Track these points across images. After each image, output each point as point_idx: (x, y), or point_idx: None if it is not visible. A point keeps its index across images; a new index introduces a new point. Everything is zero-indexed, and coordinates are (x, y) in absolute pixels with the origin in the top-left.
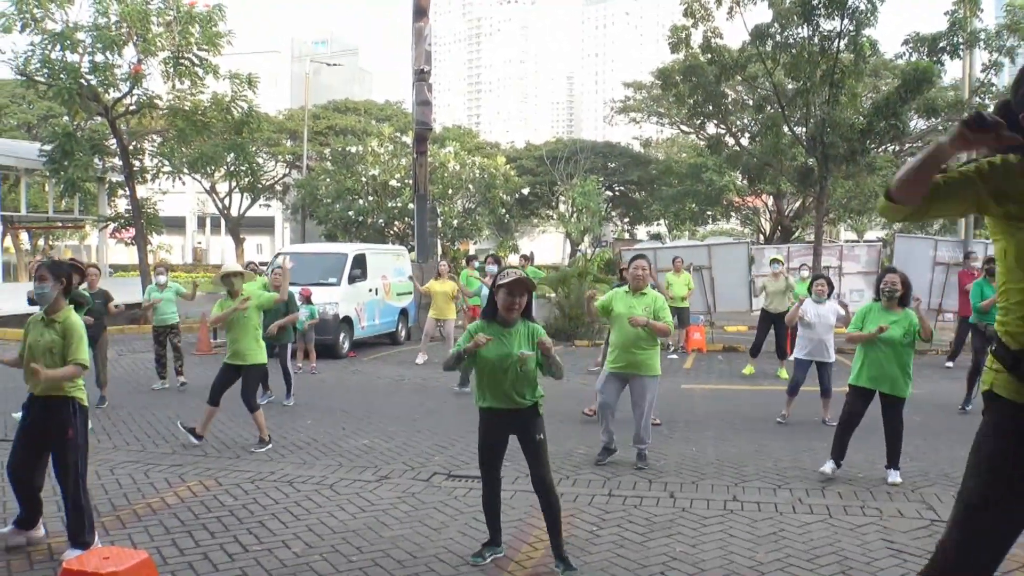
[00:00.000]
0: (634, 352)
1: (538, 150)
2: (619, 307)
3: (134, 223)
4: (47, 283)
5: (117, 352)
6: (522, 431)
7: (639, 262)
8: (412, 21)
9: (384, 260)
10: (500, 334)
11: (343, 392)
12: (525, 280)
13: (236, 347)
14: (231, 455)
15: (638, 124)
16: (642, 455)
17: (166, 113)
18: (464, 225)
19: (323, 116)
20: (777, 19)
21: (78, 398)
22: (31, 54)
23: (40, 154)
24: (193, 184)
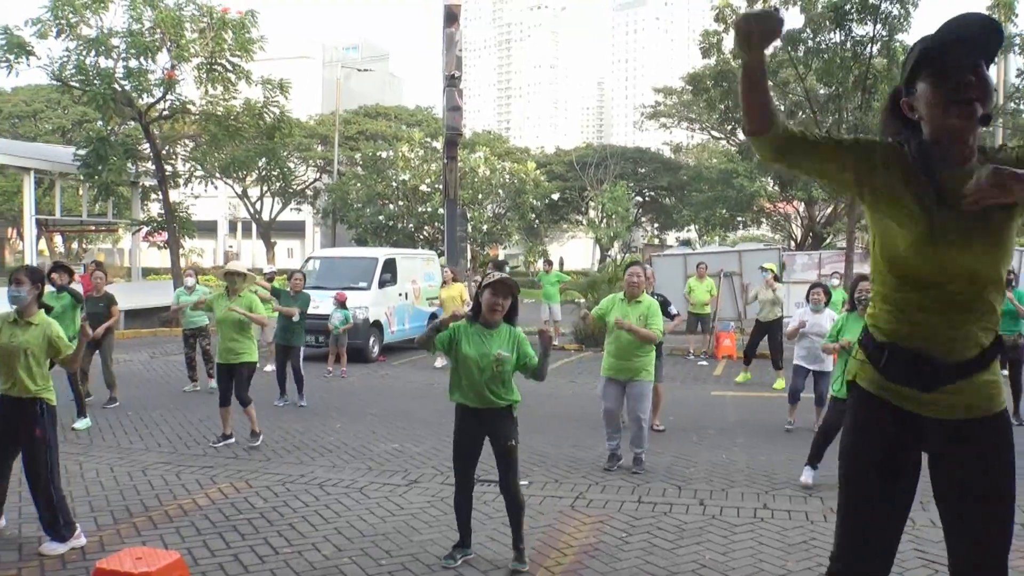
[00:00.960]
0: (629, 358)
1: (568, 155)
2: (614, 314)
3: (167, 227)
4: (24, 287)
5: (149, 354)
6: (494, 433)
7: (634, 268)
8: (443, 27)
9: (414, 264)
10: (481, 334)
11: (373, 396)
12: (508, 282)
13: (228, 345)
14: (262, 457)
15: (668, 130)
16: (639, 460)
17: (199, 118)
18: (494, 230)
19: (354, 121)
20: (809, 24)
21: (46, 399)
22: (66, 60)
23: (74, 158)
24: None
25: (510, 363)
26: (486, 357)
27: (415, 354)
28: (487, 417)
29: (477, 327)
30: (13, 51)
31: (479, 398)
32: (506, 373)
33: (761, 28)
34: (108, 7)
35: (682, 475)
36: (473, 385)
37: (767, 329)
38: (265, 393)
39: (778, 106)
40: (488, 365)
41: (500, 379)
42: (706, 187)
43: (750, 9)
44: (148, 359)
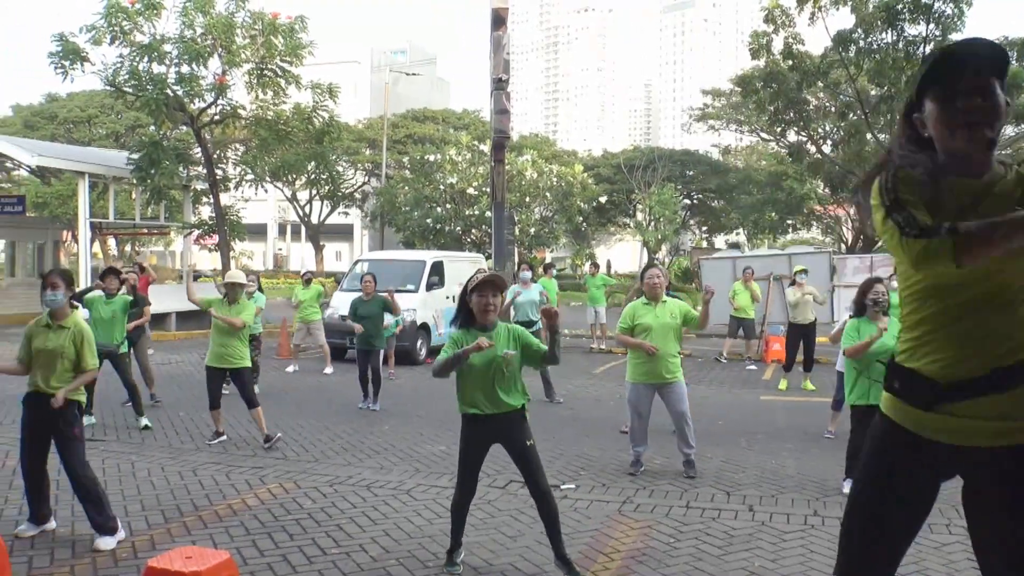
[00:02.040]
0: (662, 361)
1: (615, 158)
2: (646, 318)
3: (218, 230)
4: (60, 290)
5: (200, 356)
6: (509, 438)
7: (653, 271)
8: (490, 30)
9: (461, 267)
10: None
11: (420, 398)
12: (495, 279)
13: (222, 351)
14: (310, 458)
15: (717, 132)
16: (690, 462)
17: (249, 123)
18: (541, 233)
19: (402, 125)
20: (860, 24)
21: (78, 399)
22: (120, 66)
23: (128, 163)
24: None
25: (517, 360)
26: (493, 360)
27: None
28: (499, 423)
29: (473, 333)
30: (68, 57)
31: (492, 404)
32: (515, 372)
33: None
34: (160, 14)
35: (731, 480)
36: (484, 391)
37: (803, 331)
38: (315, 395)
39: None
40: (496, 368)
41: (512, 380)
42: (755, 190)
43: None
44: (199, 360)
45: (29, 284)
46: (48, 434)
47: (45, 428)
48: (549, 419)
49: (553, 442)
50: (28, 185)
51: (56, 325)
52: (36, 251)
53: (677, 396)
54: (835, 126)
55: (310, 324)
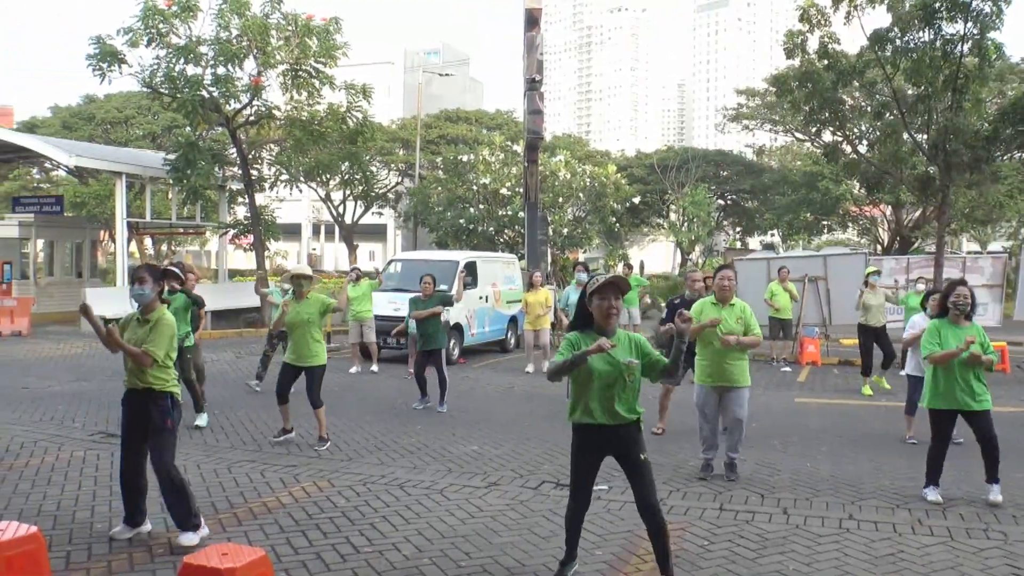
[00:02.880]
0: (724, 365)
1: (649, 158)
2: (708, 318)
3: (252, 230)
4: (147, 285)
5: (235, 354)
6: (623, 450)
7: (725, 272)
8: (523, 31)
9: (494, 268)
10: None
11: (452, 398)
12: (618, 281)
13: (297, 349)
14: (343, 457)
15: (751, 132)
16: (732, 466)
17: (284, 123)
18: (574, 234)
19: (435, 125)
20: (897, 23)
21: (174, 393)
22: (156, 67)
23: (164, 163)
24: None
25: (638, 369)
26: (614, 368)
27: (495, 356)
28: (615, 435)
29: (592, 336)
30: (106, 59)
31: (609, 414)
32: (636, 382)
33: None
34: (196, 16)
35: (765, 483)
36: (602, 401)
37: (876, 334)
38: (348, 394)
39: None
40: (618, 376)
41: (632, 391)
42: (790, 190)
43: None
44: (233, 359)
45: (67, 283)
46: (144, 430)
47: (140, 424)
48: None
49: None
50: (66, 185)
51: (144, 319)
52: (74, 250)
53: (737, 402)
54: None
55: (363, 322)
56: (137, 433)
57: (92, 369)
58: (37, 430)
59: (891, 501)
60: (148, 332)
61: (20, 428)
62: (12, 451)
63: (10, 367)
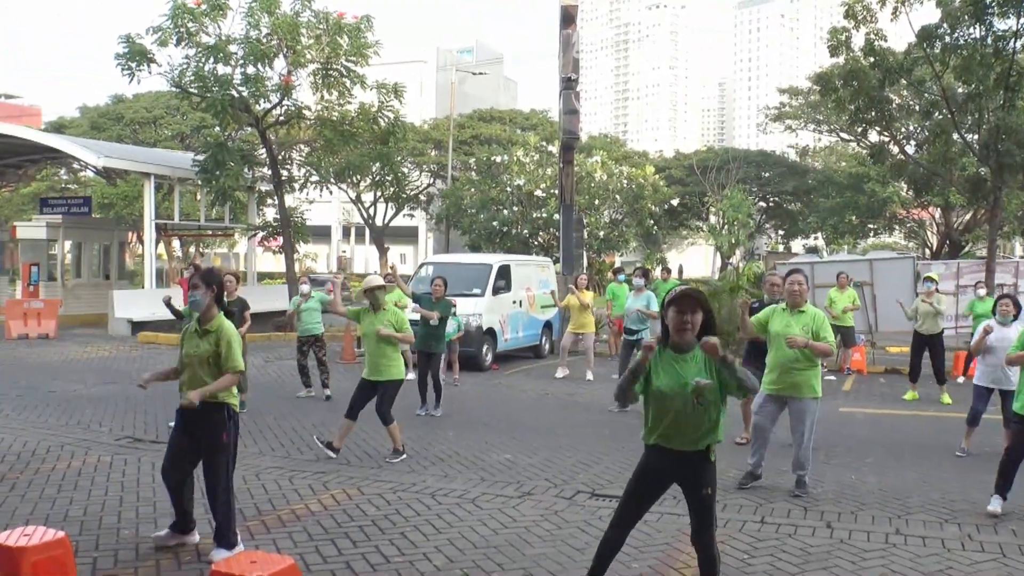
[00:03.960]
0: (792, 372)
1: (688, 159)
2: (776, 325)
3: (282, 232)
4: (200, 291)
5: (263, 359)
6: (688, 480)
7: (795, 276)
8: (559, 28)
9: (528, 271)
10: (674, 361)
11: (485, 405)
12: (694, 294)
13: (373, 361)
14: (373, 464)
15: (794, 132)
16: (801, 482)
17: (314, 123)
18: (610, 236)
19: (468, 125)
20: (946, 19)
21: (231, 404)
22: (185, 67)
23: (193, 164)
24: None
25: (712, 392)
26: (683, 388)
27: (529, 363)
28: (683, 462)
29: (667, 353)
30: (135, 59)
31: (681, 438)
32: (710, 405)
33: None
34: (226, 14)
35: (808, 495)
36: (673, 423)
37: (928, 343)
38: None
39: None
40: (687, 397)
41: (704, 415)
42: (834, 192)
43: None
44: (262, 363)
45: (95, 285)
46: (196, 444)
47: (193, 437)
48: (620, 427)
49: (624, 452)
50: (94, 186)
51: (203, 330)
52: (102, 252)
53: (798, 414)
54: (919, 126)
55: None
56: (188, 442)
57: (119, 372)
58: (64, 434)
59: (940, 515)
60: (213, 346)
61: (47, 432)
62: (39, 455)
63: (37, 370)
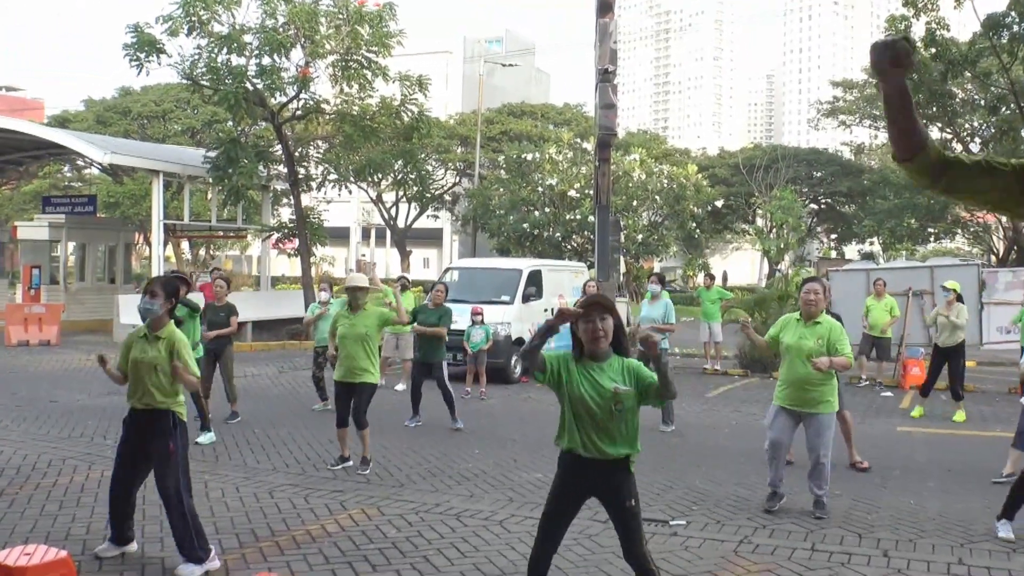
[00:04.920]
0: (807, 388)
1: (733, 157)
2: (788, 337)
3: (298, 233)
4: (158, 300)
5: (277, 369)
6: (608, 492)
7: (812, 285)
8: (595, 17)
9: (561, 277)
10: (590, 370)
11: (514, 420)
12: (602, 300)
13: (348, 364)
14: (394, 483)
15: (848, 128)
16: (820, 502)
17: (333, 118)
18: (649, 240)
19: (497, 120)
20: (1014, 6)
21: (178, 412)
22: (197, 58)
23: (204, 161)
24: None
25: (629, 397)
26: (602, 395)
27: None
28: (599, 471)
29: (584, 363)
30: (144, 49)
31: (592, 447)
32: (628, 412)
33: (890, 57)
34: (240, 2)
35: (863, 521)
36: (584, 430)
37: (947, 355)
38: (398, 414)
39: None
40: (605, 404)
41: (622, 422)
42: (892, 193)
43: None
44: (276, 374)
45: (99, 289)
46: (145, 455)
47: (141, 447)
48: (657, 447)
49: (662, 473)
50: (99, 184)
51: (153, 336)
52: (107, 254)
53: (814, 430)
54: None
55: (400, 335)
56: (136, 453)
57: None
58: (66, 447)
59: (1006, 545)
60: (165, 352)
61: (48, 445)
62: (39, 469)
63: (38, 379)
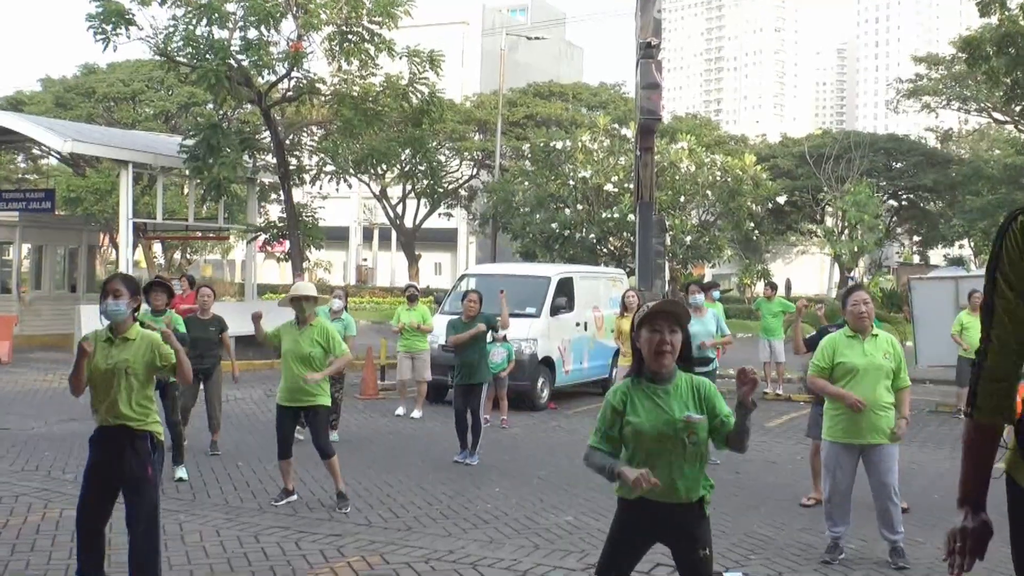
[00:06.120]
0: (872, 415)
1: (798, 146)
2: (853, 356)
3: (288, 234)
4: (123, 300)
5: (265, 392)
6: (678, 538)
7: (860, 295)
8: None
9: (596, 286)
10: (652, 394)
11: (541, 454)
12: (672, 308)
13: (292, 385)
14: (400, 526)
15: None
16: (897, 550)
17: (330, 100)
18: (699, 243)
19: (521, 103)
20: None
21: (156, 432)
22: (172, 30)
23: (180, 150)
24: (360, 188)
25: (704, 429)
26: (669, 425)
27: (595, 401)
28: (669, 516)
29: (643, 384)
30: (110, 20)
31: (667, 489)
32: (701, 446)
33: None
34: None
35: (909, 565)
36: (658, 470)
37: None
38: (403, 444)
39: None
40: (676, 436)
41: (694, 458)
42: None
43: None
44: (263, 397)
45: (58, 298)
46: (114, 482)
47: (111, 472)
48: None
49: (714, 516)
50: (59, 176)
51: (119, 338)
52: (67, 258)
53: (884, 464)
54: None
55: (415, 355)
56: (104, 485)
57: (87, 406)
58: (18, 482)
59: None
60: (142, 353)
61: None
62: None
63: None
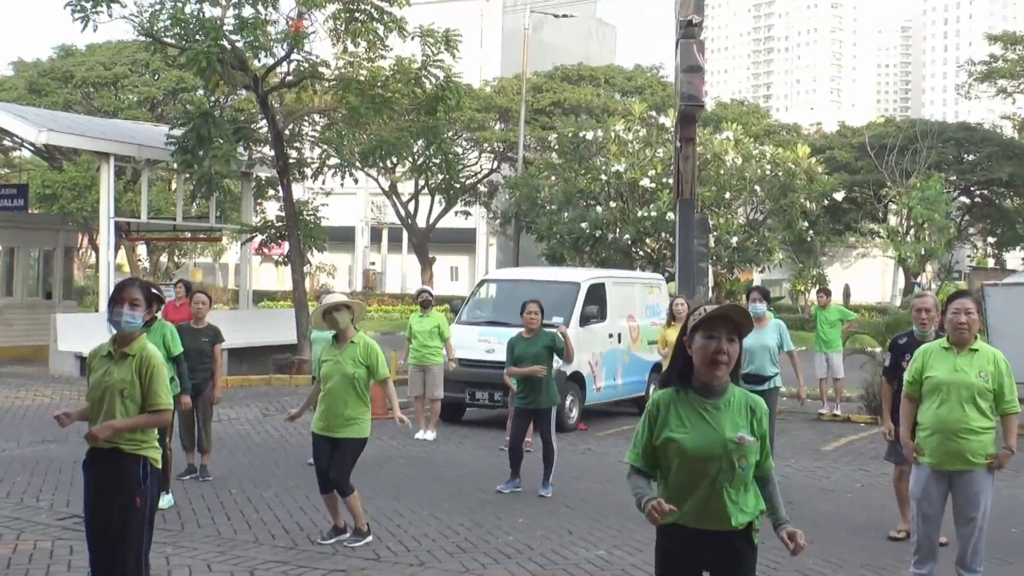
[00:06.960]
0: (958, 438)
1: (858, 136)
2: (940, 370)
3: (288, 235)
4: (139, 310)
5: (261, 411)
6: (726, 569)
7: (962, 303)
8: None
9: (631, 292)
10: (701, 408)
11: (569, 479)
12: (734, 315)
13: (333, 411)
14: (412, 560)
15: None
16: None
17: (334, 85)
18: (747, 245)
19: (547, 88)
20: None
21: (151, 458)
22: (159, 8)
23: (168, 140)
24: (367, 183)
25: (754, 452)
26: (717, 445)
27: (631, 421)
28: (715, 544)
29: (690, 397)
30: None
31: (704, 515)
32: (750, 469)
33: None
34: None
35: None
36: (696, 495)
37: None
38: (417, 469)
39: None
40: (727, 458)
41: (742, 481)
42: None
43: None
44: (259, 417)
45: (31, 306)
46: (113, 505)
47: (108, 496)
48: None
49: (763, 549)
50: (32, 170)
51: (120, 353)
52: (41, 261)
53: (972, 492)
54: None
55: (427, 368)
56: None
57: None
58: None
59: None
60: (133, 373)
61: None
62: None
63: None
